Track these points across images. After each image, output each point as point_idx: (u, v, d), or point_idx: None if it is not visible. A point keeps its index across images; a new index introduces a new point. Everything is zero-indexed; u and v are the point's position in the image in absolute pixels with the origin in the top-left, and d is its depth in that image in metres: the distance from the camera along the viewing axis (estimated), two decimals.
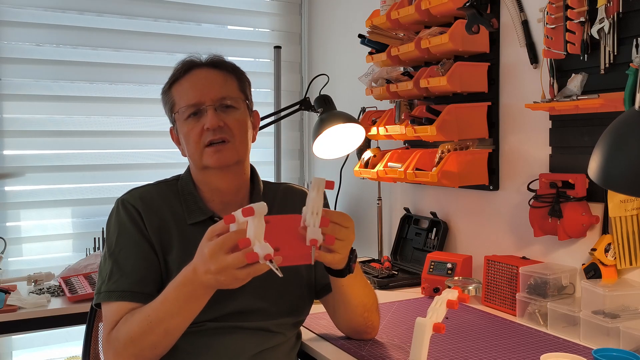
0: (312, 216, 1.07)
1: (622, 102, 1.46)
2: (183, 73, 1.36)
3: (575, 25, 1.62)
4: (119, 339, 1.20)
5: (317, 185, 1.09)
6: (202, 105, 1.32)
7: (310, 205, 1.08)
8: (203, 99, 1.32)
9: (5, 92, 2.65)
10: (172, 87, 1.38)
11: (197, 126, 1.32)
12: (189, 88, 1.34)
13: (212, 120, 1.30)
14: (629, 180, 1.13)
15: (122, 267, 1.28)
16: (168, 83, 1.39)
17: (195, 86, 1.34)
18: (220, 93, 1.33)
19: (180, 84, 1.36)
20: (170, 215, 1.35)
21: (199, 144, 1.32)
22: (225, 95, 1.34)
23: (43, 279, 2.22)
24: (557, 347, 1.45)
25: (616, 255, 1.58)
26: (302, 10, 3.28)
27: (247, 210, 1.00)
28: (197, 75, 1.35)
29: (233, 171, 1.37)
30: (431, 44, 1.95)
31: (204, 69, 1.36)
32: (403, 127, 2.06)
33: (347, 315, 1.42)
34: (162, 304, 1.16)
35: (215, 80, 1.35)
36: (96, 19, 2.81)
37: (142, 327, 1.17)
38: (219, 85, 1.35)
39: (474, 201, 2.11)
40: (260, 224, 1.02)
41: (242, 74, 1.42)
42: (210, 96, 1.32)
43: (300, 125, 3.31)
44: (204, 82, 1.34)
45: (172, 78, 1.38)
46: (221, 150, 1.32)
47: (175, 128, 1.40)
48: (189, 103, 1.33)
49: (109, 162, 2.85)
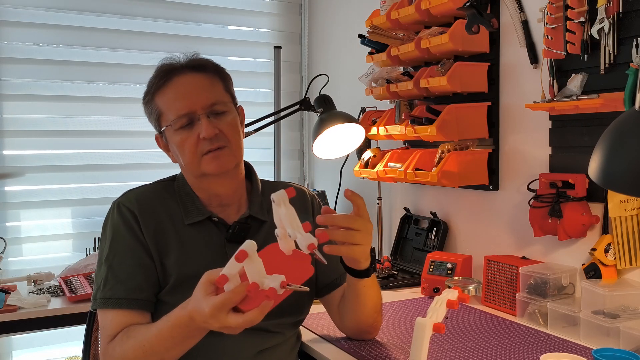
0: (294, 229, 1.05)
1: (622, 102, 1.46)
2: (165, 81, 1.31)
3: (575, 25, 1.62)
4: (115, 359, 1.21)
5: (280, 200, 1.06)
6: (194, 114, 1.29)
7: (285, 221, 1.05)
8: (193, 107, 1.29)
9: (5, 92, 2.65)
10: (155, 97, 1.33)
11: (191, 136, 1.29)
12: (176, 98, 1.30)
13: (207, 129, 1.27)
14: (629, 180, 1.13)
15: (117, 273, 1.28)
16: (149, 92, 1.34)
17: (183, 95, 1.30)
18: (209, 99, 1.30)
19: (165, 93, 1.31)
20: (168, 217, 1.34)
21: (195, 153, 1.30)
22: (215, 101, 1.31)
23: (43, 279, 2.22)
24: (557, 347, 1.45)
25: (616, 255, 1.57)
26: (302, 10, 3.28)
27: (240, 255, 0.97)
28: (181, 82, 1.31)
29: (230, 175, 1.36)
30: (431, 44, 1.95)
31: (187, 75, 1.32)
32: (403, 127, 2.06)
33: (358, 316, 1.41)
34: (157, 337, 1.15)
35: (202, 86, 1.31)
36: (96, 19, 2.82)
37: (136, 355, 1.17)
38: (207, 90, 1.31)
39: (474, 201, 2.11)
40: (257, 261, 0.99)
41: (224, 72, 1.39)
42: (200, 104, 1.29)
43: (300, 125, 3.31)
44: (190, 90, 1.30)
45: (153, 87, 1.33)
46: (219, 156, 1.30)
47: (163, 137, 1.36)
48: (179, 114, 1.29)
49: (109, 162, 2.85)
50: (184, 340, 1.13)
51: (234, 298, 0.99)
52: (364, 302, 1.36)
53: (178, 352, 1.16)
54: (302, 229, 1.05)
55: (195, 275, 1.14)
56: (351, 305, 1.39)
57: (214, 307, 1.00)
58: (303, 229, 1.05)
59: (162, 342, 1.14)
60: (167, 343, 1.14)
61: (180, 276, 1.29)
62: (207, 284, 1.03)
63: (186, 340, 1.14)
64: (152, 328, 1.17)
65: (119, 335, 1.23)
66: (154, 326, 1.17)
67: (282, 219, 1.06)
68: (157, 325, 1.16)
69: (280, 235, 1.07)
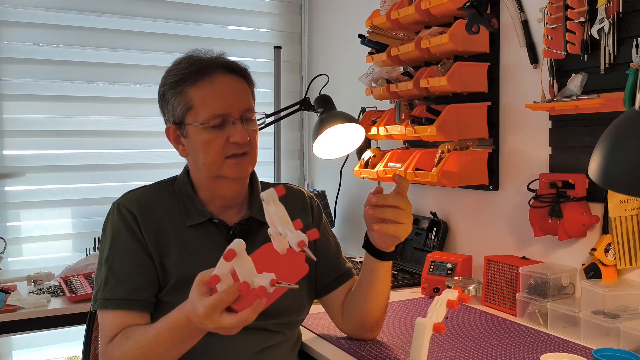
0: (284, 226, 1.05)
1: (622, 102, 1.46)
2: (203, 75, 1.30)
3: (575, 25, 1.62)
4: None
5: (270, 199, 1.06)
6: (229, 116, 1.29)
7: (276, 219, 1.05)
8: (230, 110, 1.29)
9: (5, 92, 2.65)
10: (189, 89, 1.30)
11: (220, 137, 1.29)
12: (215, 96, 1.29)
13: (242, 134, 1.28)
14: (629, 180, 1.13)
15: (117, 274, 1.28)
16: (180, 82, 1.31)
17: (222, 95, 1.30)
18: (245, 104, 1.32)
19: (202, 88, 1.30)
20: (168, 218, 1.34)
21: (220, 155, 1.30)
22: (249, 107, 1.33)
23: (43, 279, 2.22)
24: (557, 347, 1.45)
25: (616, 255, 1.57)
26: (302, 10, 3.28)
27: (228, 254, 0.97)
28: (221, 81, 1.31)
29: (243, 180, 1.38)
30: (431, 44, 1.95)
31: (227, 75, 1.32)
32: (403, 127, 2.06)
33: (368, 307, 1.41)
34: (156, 338, 1.15)
35: (240, 91, 1.33)
36: (96, 19, 2.82)
37: (136, 356, 1.17)
38: (243, 95, 1.33)
39: (474, 201, 2.11)
40: (246, 259, 1.00)
41: (251, 78, 1.39)
42: (237, 108, 1.30)
43: (300, 125, 3.31)
44: (229, 92, 1.31)
45: (189, 78, 1.30)
46: (242, 162, 1.31)
47: (182, 129, 1.34)
48: (216, 113, 1.28)
49: (108, 162, 2.85)
50: (182, 341, 1.13)
51: (227, 298, 0.99)
52: (380, 290, 1.38)
53: (177, 353, 1.16)
54: (292, 226, 1.05)
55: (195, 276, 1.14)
56: (365, 293, 1.40)
57: (207, 308, 1.00)
58: (294, 226, 1.05)
59: (161, 343, 1.14)
60: (166, 344, 1.14)
61: (180, 277, 1.29)
62: (201, 285, 1.03)
63: (185, 342, 1.14)
64: (151, 329, 1.17)
65: (118, 336, 1.23)
66: (152, 327, 1.17)
67: (272, 217, 1.06)
68: (155, 327, 1.16)
69: (273, 234, 1.06)
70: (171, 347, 1.14)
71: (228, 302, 1.00)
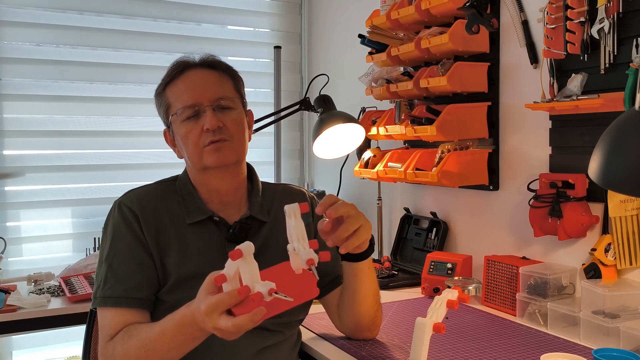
0: (299, 243, 1.06)
1: (622, 102, 1.46)
2: (177, 74, 1.35)
3: (575, 25, 1.62)
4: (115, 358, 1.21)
5: (292, 212, 1.07)
6: (200, 105, 1.31)
7: (293, 234, 1.06)
8: (200, 99, 1.31)
9: (5, 92, 2.65)
10: (166, 89, 1.36)
11: (195, 127, 1.31)
12: (185, 89, 1.33)
13: (211, 120, 1.30)
14: (629, 180, 1.13)
15: (117, 272, 1.28)
16: (162, 85, 1.38)
17: (191, 87, 1.33)
18: (217, 93, 1.33)
19: (175, 85, 1.35)
20: (168, 217, 1.34)
21: (198, 145, 1.32)
22: (222, 96, 1.34)
23: (43, 279, 2.22)
24: (557, 347, 1.45)
25: (616, 255, 1.57)
26: (302, 10, 3.28)
27: (234, 253, 0.97)
28: (192, 75, 1.35)
29: (231, 171, 1.37)
30: (431, 44, 1.95)
31: (199, 70, 1.36)
32: (403, 127, 2.06)
33: (358, 309, 1.41)
34: (160, 337, 1.15)
35: (211, 81, 1.35)
36: (96, 19, 2.82)
37: (138, 354, 1.17)
38: (215, 85, 1.34)
39: (474, 201, 2.11)
40: (252, 263, 1.00)
41: (236, 74, 1.42)
42: (207, 97, 1.32)
43: (300, 125, 3.31)
44: (199, 83, 1.33)
45: (166, 79, 1.37)
46: (221, 148, 1.31)
47: (170, 130, 1.39)
48: (185, 104, 1.32)
49: (108, 162, 2.85)
50: (185, 341, 1.13)
51: (228, 300, 1.00)
52: (362, 291, 1.37)
53: (180, 353, 1.16)
54: (307, 244, 1.06)
55: (195, 275, 1.14)
56: (351, 297, 1.39)
57: (208, 306, 1.01)
58: (309, 245, 1.06)
59: (164, 342, 1.14)
60: (169, 343, 1.14)
61: (180, 276, 1.29)
62: (210, 284, 1.04)
63: (188, 342, 1.13)
64: (156, 327, 1.17)
65: (119, 334, 1.23)
66: (157, 325, 1.17)
67: (291, 230, 1.07)
68: (160, 324, 1.16)
69: (290, 252, 1.08)
70: (174, 346, 1.14)
71: (229, 304, 1.00)
